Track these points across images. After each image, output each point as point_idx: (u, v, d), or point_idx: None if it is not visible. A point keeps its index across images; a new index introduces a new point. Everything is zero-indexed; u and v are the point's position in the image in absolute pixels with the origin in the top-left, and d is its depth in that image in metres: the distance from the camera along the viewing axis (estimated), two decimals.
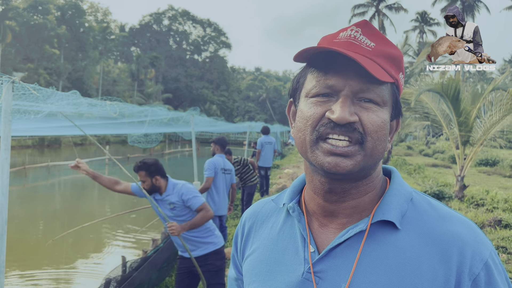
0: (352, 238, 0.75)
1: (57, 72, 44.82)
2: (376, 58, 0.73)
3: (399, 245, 0.72)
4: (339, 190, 0.76)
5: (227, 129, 24.43)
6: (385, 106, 0.74)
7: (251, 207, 0.98)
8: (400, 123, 0.82)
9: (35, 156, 26.49)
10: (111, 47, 57.27)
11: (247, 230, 0.93)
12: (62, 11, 50.97)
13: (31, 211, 11.07)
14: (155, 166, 3.40)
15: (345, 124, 0.70)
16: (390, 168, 0.85)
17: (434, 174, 15.92)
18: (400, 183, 0.80)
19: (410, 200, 0.77)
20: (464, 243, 0.70)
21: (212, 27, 72.79)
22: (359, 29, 0.75)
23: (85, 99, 3.69)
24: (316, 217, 0.81)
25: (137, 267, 4.30)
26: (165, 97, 58.57)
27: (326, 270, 0.75)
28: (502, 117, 8.62)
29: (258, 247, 0.87)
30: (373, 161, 0.73)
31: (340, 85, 0.71)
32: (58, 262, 7.03)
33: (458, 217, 0.75)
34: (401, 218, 0.74)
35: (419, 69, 16.09)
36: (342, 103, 0.70)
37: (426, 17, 50.16)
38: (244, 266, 0.90)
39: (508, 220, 7.46)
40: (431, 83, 9.54)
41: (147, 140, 6.67)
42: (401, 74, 0.78)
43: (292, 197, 0.87)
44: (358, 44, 0.73)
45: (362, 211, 0.77)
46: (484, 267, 0.69)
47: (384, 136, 0.73)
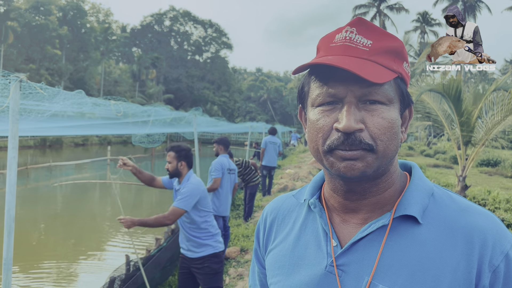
0: (374, 232, 0.76)
1: (59, 72, 44.91)
2: (375, 56, 0.73)
3: (421, 239, 0.73)
4: (359, 190, 0.77)
5: (229, 129, 24.45)
6: (392, 104, 0.74)
7: (272, 202, 0.99)
8: (413, 111, 0.82)
9: (37, 157, 26.54)
10: (113, 48, 57.37)
11: (269, 224, 0.95)
12: (64, 12, 51.08)
13: (33, 211, 11.10)
14: (186, 152, 3.49)
15: (351, 134, 0.71)
16: (411, 163, 0.86)
17: (436, 175, 15.91)
18: (421, 178, 0.81)
19: (431, 195, 0.78)
20: (486, 234, 0.70)
21: (213, 27, 72.85)
22: (354, 29, 0.74)
23: (89, 98, 3.72)
24: (337, 213, 0.82)
25: None
26: (166, 97, 58.62)
27: (349, 264, 0.76)
28: (504, 117, 8.62)
29: (281, 242, 0.89)
30: (387, 160, 0.74)
31: (342, 92, 0.72)
32: (61, 261, 7.06)
33: (480, 210, 0.75)
34: (423, 213, 0.75)
35: (421, 69, 16.10)
36: (347, 112, 0.71)
37: (427, 17, 50.13)
38: (267, 259, 0.92)
39: (510, 220, 7.47)
40: (433, 83, 9.55)
41: (149, 140, 6.70)
42: (405, 63, 0.78)
43: (313, 193, 0.88)
44: (355, 46, 0.73)
45: (383, 206, 0.78)
46: (505, 259, 0.69)
47: (395, 134, 0.74)
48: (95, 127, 7.42)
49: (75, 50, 50.53)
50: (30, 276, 6.34)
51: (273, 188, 11.17)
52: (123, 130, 8.49)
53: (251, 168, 7.59)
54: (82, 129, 8.32)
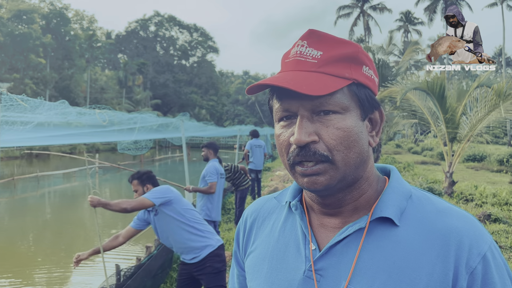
0: (351, 236, 0.76)
1: (44, 81, 44.39)
2: (324, 67, 0.73)
3: (398, 240, 0.73)
4: (333, 200, 0.78)
5: (217, 133, 24.40)
6: (348, 111, 0.73)
7: (253, 204, 0.99)
8: (383, 113, 0.81)
9: (23, 167, 26.17)
10: (98, 55, 56.87)
11: (249, 226, 0.95)
12: (47, 20, 50.55)
13: (21, 222, 10.93)
14: (146, 175, 3.53)
15: (305, 147, 0.71)
16: (390, 167, 0.86)
17: (424, 172, 16.08)
18: (399, 181, 0.81)
19: (409, 197, 0.78)
20: (462, 236, 0.70)
21: (199, 31, 72.76)
22: (304, 42, 0.75)
23: (74, 108, 3.68)
24: (317, 216, 0.83)
25: (131, 275, 4.29)
26: (154, 103, 58.30)
27: (326, 268, 0.76)
28: (488, 113, 8.76)
29: (260, 244, 0.89)
30: (351, 168, 0.73)
31: (295, 107, 0.73)
32: (51, 272, 6.96)
33: (457, 211, 0.75)
34: (400, 215, 0.75)
35: (405, 67, 16.26)
36: (299, 125, 0.72)
37: (410, 16, 50.74)
38: (246, 262, 0.91)
39: (497, 214, 7.57)
40: (417, 82, 9.66)
41: (136, 147, 6.65)
42: (365, 66, 0.77)
43: (294, 195, 0.88)
44: (304, 59, 0.74)
45: (361, 210, 0.78)
46: (482, 261, 0.68)
47: (354, 142, 0.72)
48: (81, 135, 7.35)
49: (59, 58, 50.00)
50: (18, 286, 6.25)
51: (264, 191, 11.17)
52: (110, 137, 8.43)
53: (241, 172, 7.59)
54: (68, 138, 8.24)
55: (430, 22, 45.77)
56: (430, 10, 45.04)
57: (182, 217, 3.40)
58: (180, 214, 3.40)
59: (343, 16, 48.59)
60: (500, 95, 8.22)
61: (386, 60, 17.17)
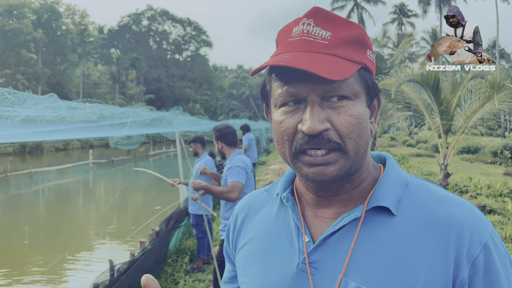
0: (347, 226, 0.73)
1: (36, 77, 44.00)
2: (335, 49, 0.69)
3: (395, 230, 0.70)
4: (332, 188, 0.75)
5: (211, 127, 24.33)
6: (358, 97, 0.70)
7: (244, 198, 0.96)
8: (381, 100, 0.79)
9: (16, 163, 25.97)
10: (90, 50, 56.46)
11: (240, 221, 0.91)
12: (38, 15, 50.01)
13: (15, 219, 10.85)
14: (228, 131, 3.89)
15: (318, 134, 0.67)
16: (385, 155, 0.83)
17: (418, 164, 16.13)
18: (395, 169, 0.78)
19: (406, 186, 0.75)
20: (462, 225, 0.68)
21: (192, 26, 72.39)
22: (311, 20, 0.70)
23: (63, 102, 3.61)
24: (310, 207, 0.79)
25: (125, 271, 4.24)
26: (147, 98, 58.05)
27: (321, 260, 0.73)
28: (482, 104, 8.76)
29: (251, 238, 0.85)
30: (359, 156, 0.71)
31: (304, 92, 0.68)
32: (45, 269, 6.91)
33: (456, 199, 0.72)
34: (397, 204, 0.72)
35: (399, 60, 16.26)
36: (310, 113, 0.67)
37: (404, 9, 50.74)
38: (237, 258, 0.88)
39: (492, 205, 7.61)
40: (411, 74, 9.64)
41: (129, 142, 6.58)
42: (369, 50, 0.74)
43: (285, 187, 0.85)
44: (313, 39, 0.69)
45: (357, 200, 0.75)
46: (483, 249, 0.66)
47: (364, 129, 0.70)
48: (73, 131, 7.26)
49: (51, 53, 49.56)
50: (13, 283, 6.19)
51: (258, 185, 11.14)
52: (102, 133, 8.34)
53: None
54: (60, 133, 8.15)
55: (424, 14, 45.81)
56: (424, 2, 45.05)
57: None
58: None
59: (337, 9, 48.48)
60: (494, 87, 8.22)
61: (381, 52, 17.15)
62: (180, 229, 6.41)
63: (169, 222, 5.94)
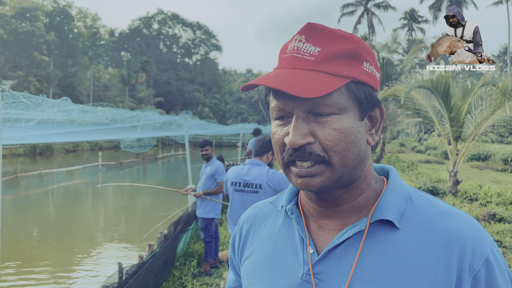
0: (351, 239, 0.74)
1: (47, 79, 44.47)
2: (322, 65, 0.70)
3: (399, 244, 0.71)
4: (330, 198, 0.76)
5: (220, 131, 24.45)
6: (345, 112, 0.70)
7: (249, 209, 0.98)
8: (384, 110, 0.78)
9: (27, 164, 26.24)
10: (101, 53, 56.92)
11: (245, 232, 0.93)
12: (51, 18, 50.61)
13: (25, 220, 10.96)
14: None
15: (300, 148, 0.70)
16: (388, 167, 0.84)
17: (427, 171, 16.01)
18: (398, 182, 0.79)
19: (409, 199, 0.76)
20: (464, 239, 0.69)
21: (202, 29, 72.72)
22: (302, 37, 0.72)
23: (76, 105, 3.66)
24: (314, 219, 0.81)
25: (133, 273, 4.27)
26: (157, 101, 58.36)
27: (325, 272, 0.74)
28: (493, 111, 8.70)
29: (256, 249, 0.87)
30: (348, 169, 0.72)
31: (290, 107, 0.71)
32: (54, 270, 6.97)
33: (458, 213, 0.74)
34: (400, 217, 0.73)
35: (409, 66, 16.19)
36: (293, 127, 0.69)
37: (415, 14, 50.52)
38: (242, 268, 0.90)
39: (502, 214, 7.52)
40: (421, 80, 9.60)
41: (140, 145, 6.64)
42: (365, 63, 0.74)
43: (290, 199, 0.86)
44: (301, 56, 0.71)
45: (359, 211, 0.77)
46: (485, 263, 0.68)
47: (352, 143, 0.70)
48: (84, 133, 7.34)
49: (63, 55, 50.09)
50: (21, 285, 6.25)
51: None
52: (113, 135, 8.42)
53: None
54: (72, 135, 8.24)
55: (435, 20, 45.56)
56: (435, 8, 44.82)
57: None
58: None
59: (347, 14, 48.47)
60: (505, 94, 8.16)
61: (390, 58, 17.09)
62: (188, 232, 6.43)
63: (178, 226, 5.97)
